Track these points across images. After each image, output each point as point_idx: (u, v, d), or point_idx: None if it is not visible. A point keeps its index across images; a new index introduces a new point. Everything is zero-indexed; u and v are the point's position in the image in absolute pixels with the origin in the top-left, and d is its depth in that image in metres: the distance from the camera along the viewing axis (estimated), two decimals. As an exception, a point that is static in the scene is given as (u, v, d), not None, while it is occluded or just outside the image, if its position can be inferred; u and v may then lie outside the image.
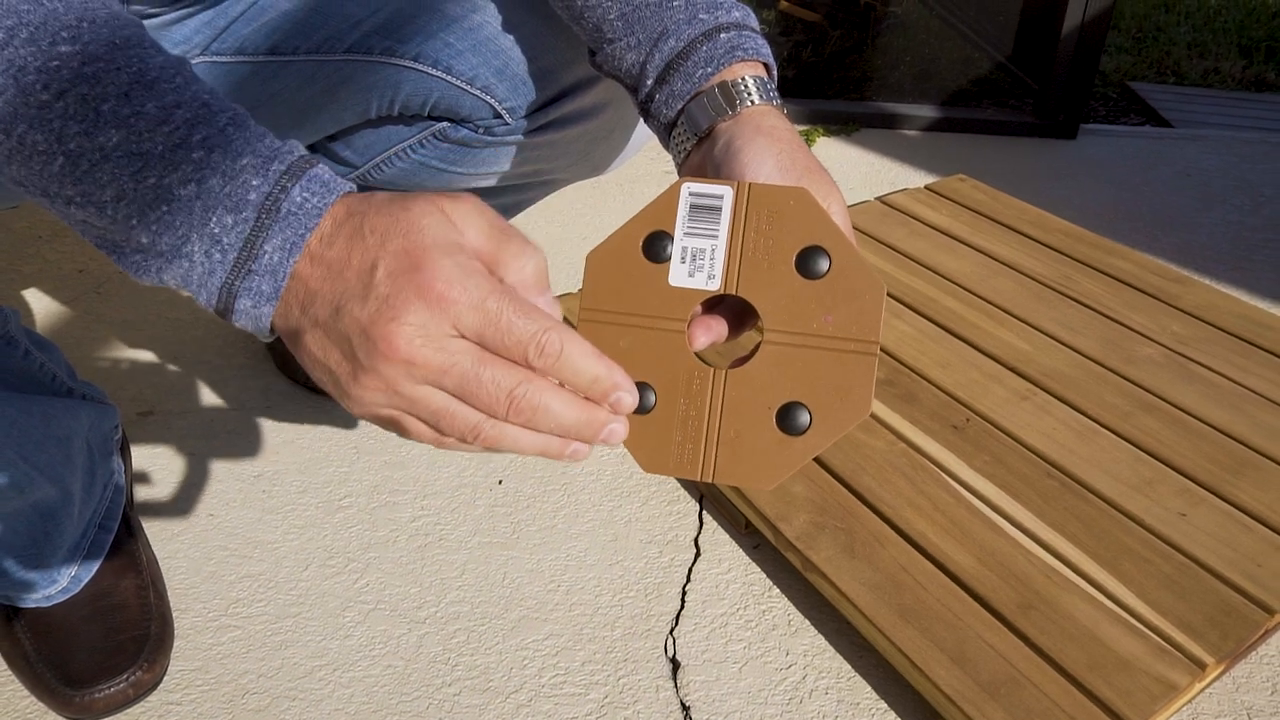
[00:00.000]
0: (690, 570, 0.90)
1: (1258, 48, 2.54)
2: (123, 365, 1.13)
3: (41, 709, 0.76)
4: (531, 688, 0.79)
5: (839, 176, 1.57)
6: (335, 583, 0.87)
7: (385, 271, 0.39)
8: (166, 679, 0.78)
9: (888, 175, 1.70)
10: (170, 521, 0.93)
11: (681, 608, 0.86)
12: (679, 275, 0.46)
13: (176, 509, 0.94)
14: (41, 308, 1.22)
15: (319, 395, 1.07)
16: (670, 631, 0.84)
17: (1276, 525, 0.88)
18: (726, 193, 0.46)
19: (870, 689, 0.80)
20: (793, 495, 0.90)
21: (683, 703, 0.78)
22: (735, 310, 0.51)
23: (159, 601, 0.81)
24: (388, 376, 0.39)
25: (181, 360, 1.14)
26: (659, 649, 0.83)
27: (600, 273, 0.47)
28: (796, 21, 2.33)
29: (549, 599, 0.87)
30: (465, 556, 0.90)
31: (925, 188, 1.48)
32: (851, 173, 1.71)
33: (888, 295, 1.20)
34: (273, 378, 1.11)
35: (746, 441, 0.46)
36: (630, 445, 0.46)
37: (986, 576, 0.82)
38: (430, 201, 0.41)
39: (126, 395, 1.08)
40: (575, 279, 1.29)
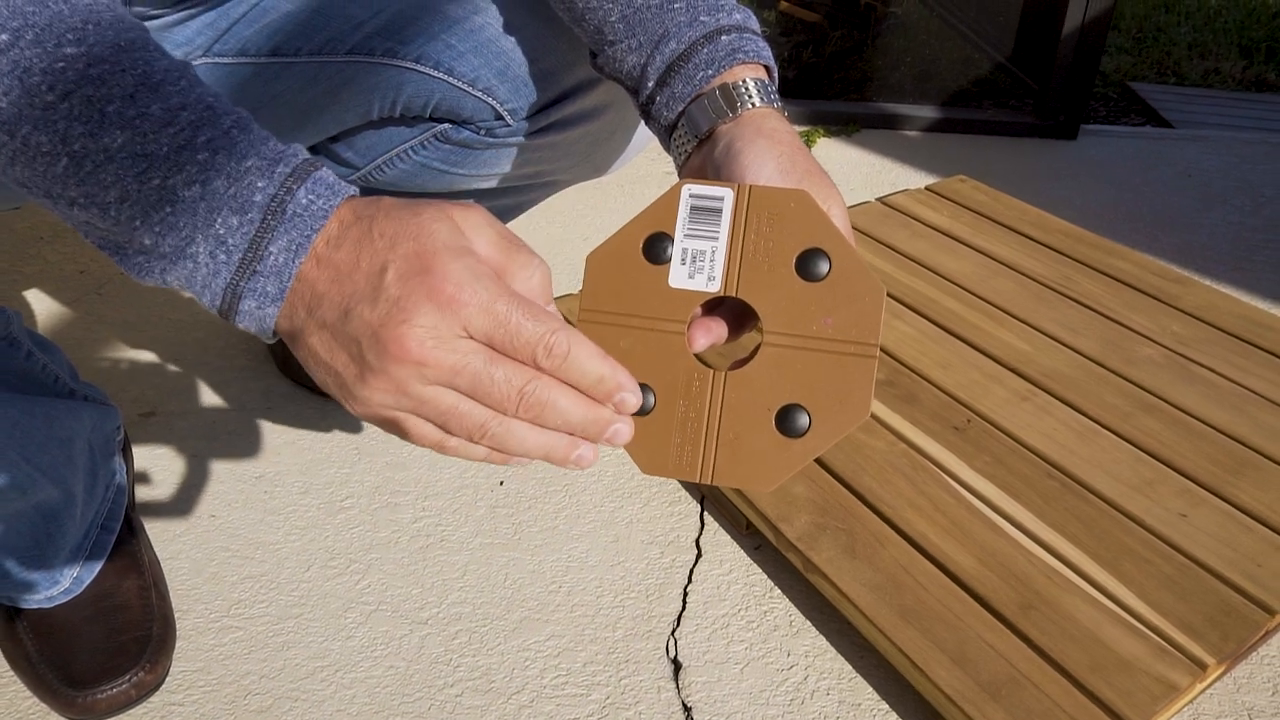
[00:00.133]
0: (692, 571, 0.90)
1: (1258, 48, 2.54)
2: (124, 366, 1.13)
3: (43, 710, 0.76)
4: (533, 689, 0.79)
5: (839, 177, 1.58)
6: (337, 584, 0.88)
7: (395, 274, 0.39)
8: (168, 680, 0.78)
9: (888, 176, 1.70)
10: (172, 522, 0.93)
11: (683, 609, 0.86)
12: (679, 277, 0.46)
13: (178, 510, 0.94)
14: (43, 309, 1.22)
15: (320, 397, 1.07)
16: (672, 632, 0.84)
17: (1277, 525, 0.88)
18: (727, 195, 0.46)
19: (871, 689, 0.80)
20: (794, 496, 0.90)
21: (684, 704, 0.78)
22: (735, 312, 0.51)
23: (161, 602, 0.81)
24: (398, 378, 0.39)
25: (183, 361, 1.14)
26: (660, 650, 0.83)
27: (600, 274, 0.47)
28: (797, 22, 2.33)
29: (550, 600, 0.87)
30: (467, 558, 0.91)
31: (926, 188, 1.48)
32: (852, 173, 1.70)
33: (888, 296, 1.20)
34: (274, 379, 1.11)
35: (746, 443, 0.46)
36: (629, 446, 0.46)
37: (987, 577, 0.82)
38: (440, 209, 0.41)
39: (128, 396, 1.08)
40: (576, 279, 1.29)
